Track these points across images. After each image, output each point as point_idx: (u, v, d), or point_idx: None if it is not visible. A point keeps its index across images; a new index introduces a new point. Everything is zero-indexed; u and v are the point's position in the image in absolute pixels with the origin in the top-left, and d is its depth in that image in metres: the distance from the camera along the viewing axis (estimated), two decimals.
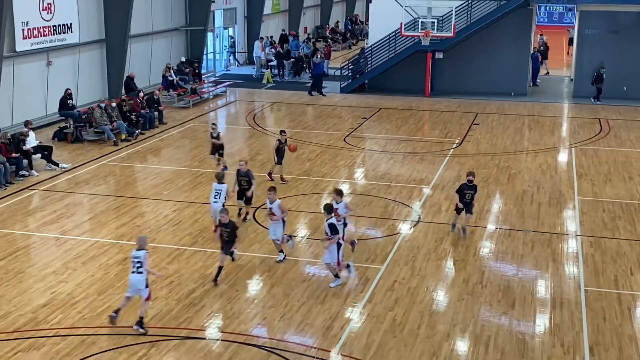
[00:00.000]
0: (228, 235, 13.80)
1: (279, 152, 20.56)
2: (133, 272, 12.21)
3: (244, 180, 16.96)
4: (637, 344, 12.23)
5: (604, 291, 14.15)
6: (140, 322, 12.09)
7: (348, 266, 14.54)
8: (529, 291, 14.19)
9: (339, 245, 13.91)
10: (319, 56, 36.34)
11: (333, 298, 13.72)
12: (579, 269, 15.22)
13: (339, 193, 15.16)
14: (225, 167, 20.71)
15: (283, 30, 44.43)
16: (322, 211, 14.50)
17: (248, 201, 17.25)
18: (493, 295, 14.00)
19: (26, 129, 21.82)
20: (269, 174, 20.76)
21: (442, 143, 25.70)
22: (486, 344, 12.20)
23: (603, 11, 33.30)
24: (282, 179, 20.70)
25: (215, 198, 16.28)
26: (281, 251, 15.15)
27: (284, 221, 14.98)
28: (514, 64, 34.40)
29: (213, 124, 21.96)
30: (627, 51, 33.13)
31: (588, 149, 25.15)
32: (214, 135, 21.38)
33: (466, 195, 16.08)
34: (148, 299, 12.24)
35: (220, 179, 16.46)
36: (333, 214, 14.09)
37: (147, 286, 12.23)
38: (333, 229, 13.75)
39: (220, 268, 13.91)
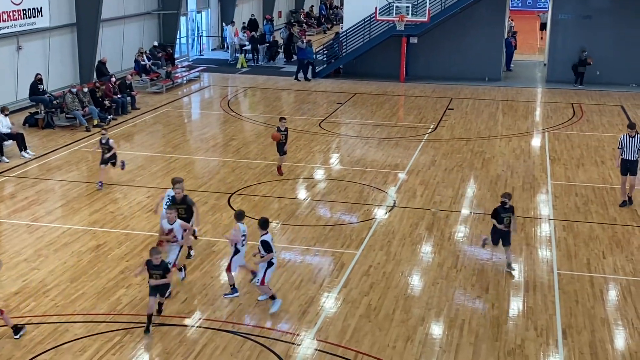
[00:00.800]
0: (160, 278, 11.53)
1: (279, 143, 19.79)
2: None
3: (182, 208, 13.82)
4: (609, 326, 12.42)
5: (577, 274, 14.33)
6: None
7: (273, 297, 12.69)
8: (503, 275, 14.34)
9: (270, 264, 12.50)
10: (303, 41, 36.41)
11: (309, 284, 13.79)
12: (552, 253, 15.40)
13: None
14: (123, 163, 18.99)
15: (252, 15, 44.23)
16: (257, 226, 12.67)
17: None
18: (467, 279, 14.14)
19: None
20: (279, 169, 20.24)
21: (417, 128, 25.80)
22: (460, 327, 12.33)
23: None
24: (279, 170, 20.21)
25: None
26: (179, 269, 13.42)
27: (181, 246, 13.04)
28: (488, 49, 34.64)
29: (103, 129, 19.57)
30: (600, 36, 33.38)
31: (561, 133, 25.37)
32: (103, 141, 18.65)
33: (504, 219, 13.93)
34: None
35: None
36: (267, 231, 12.59)
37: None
38: (266, 246, 12.33)
39: (150, 317, 11.58)
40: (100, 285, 13.49)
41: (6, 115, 22.21)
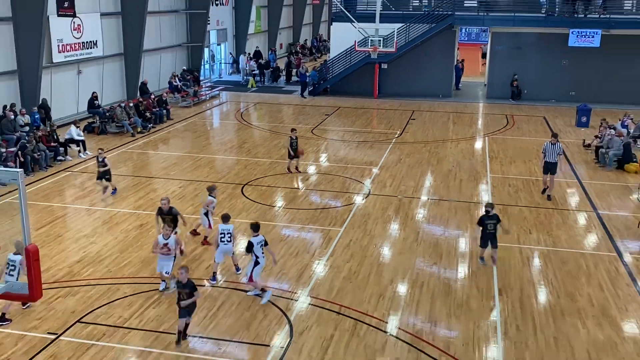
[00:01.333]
0: (186, 297, 9.98)
1: (291, 147, 19.27)
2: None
3: (168, 218, 12.71)
4: (534, 285, 12.54)
5: (509, 246, 14.39)
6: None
7: (263, 290, 11.77)
8: (453, 247, 14.41)
9: (256, 263, 11.48)
10: (303, 67, 36.48)
11: (303, 253, 13.82)
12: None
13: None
14: (115, 190, 17.47)
15: (257, 47, 44.13)
16: (250, 228, 11.75)
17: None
18: (425, 250, 14.20)
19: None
20: (288, 168, 19.82)
21: (387, 134, 25.82)
22: (420, 287, 12.40)
23: (509, 32, 33.59)
24: (297, 169, 19.86)
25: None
26: (163, 280, 11.97)
27: (175, 257, 11.84)
28: (442, 72, 34.63)
29: (100, 149, 17.70)
30: (527, 63, 33.47)
31: (497, 137, 25.43)
32: (100, 159, 17.02)
33: (488, 225, 12.99)
34: None
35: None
36: (259, 233, 11.56)
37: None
38: (249, 248, 11.45)
39: (180, 333, 10.15)
40: (143, 255, 13.51)
41: (77, 126, 22.30)
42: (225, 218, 12.29)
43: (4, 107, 21.54)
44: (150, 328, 10.65)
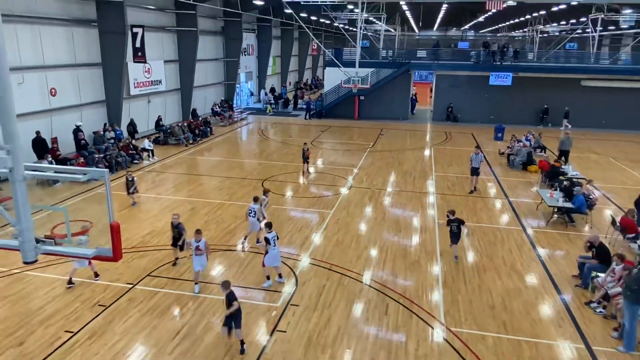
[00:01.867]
0: (228, 306, 8.20)
1: (304, 156, 19.16)
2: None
3: (176, 231, 11.24)
4: (464, 250, 12.49)
5: None
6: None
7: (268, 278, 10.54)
8: (410, 223, 14.41)
9: (266, 252, 10.26)
10: (307, 98, 36.40)
11: (305, 228, 13.79)
12: (434, 211, 15.48)
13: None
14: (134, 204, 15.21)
15: (272, 85, 43.98)
16: (265, 227, 10.53)
17: (181, 247, 11.34)
18: (390, 225, 14.20)
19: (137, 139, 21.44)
20: (303, 172, 19.26)
21: (364, 144, 25.78)
22: (386, 251, 12.39)
23: (448, 75, 33.55)
24: (308, 170, 19.44)
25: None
26: (196, 283, 10.34)
27: (207, 257, 10.39)
28: (401, 102, 34.55)
29: (129, 171, 15.48)
30: (460, 96, 33.46)
31: (440, 148, 25.42)
32: (129, 179, 14.99)
33: (451, 227, 11.83)
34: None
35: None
36: (272, 230, 10.31)
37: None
38: (267, 241, 10.17)
39: (241, 342, 8.42)
40: (194, 229, 13.37)
41: (150, 141, 22.36)
42: (255, 199, 12.17)
43: (104, 125, 21.76)
44: (198, 280, 10.62)
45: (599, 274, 10.47)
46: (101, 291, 10.14)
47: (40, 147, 18.28)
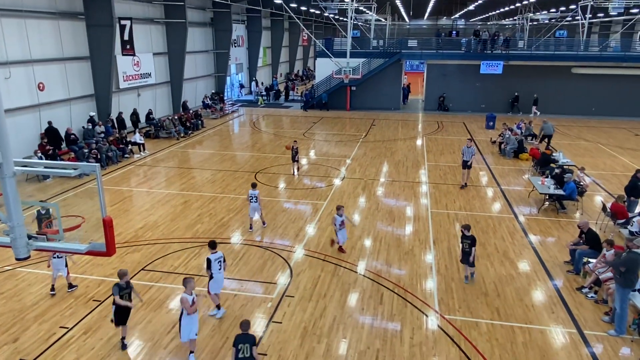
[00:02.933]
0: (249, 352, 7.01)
1: (293, 154, 17.96)
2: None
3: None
4: (456, 237, 12.56)
5: (440, 212, 14.50)
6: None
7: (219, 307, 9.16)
8: (403, 212, 14.47)
9: (210, 277, 8.94)
10: (306, 89, 35.93)
11: (299, 219, 13.79)
12: (427, 200, 15.55)
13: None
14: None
15: (262, 82, 43.77)
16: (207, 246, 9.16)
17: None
18: (383, 215, 14.25)
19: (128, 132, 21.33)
20: (293, 173, 18.03)
21: (356, 135, 25.79)
22: (380, 240, 12.44)
23: (439, 64, 33.53)
24: (298, 169, 18.24)
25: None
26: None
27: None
28: (394, 92, 34.51)
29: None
30: (451, 85, 33.49)
31: (432, 137, 25.49)
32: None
33: (463, 244, 10.27)
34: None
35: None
36: (216, 250, 8.89)
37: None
38: (208, 264, 8.83)
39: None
40: (187, 223, 13.44)
41: (142, 135, 22.27)
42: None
43: (88, 119, 21.47)
44: (193, 273, 10.62)
45: (590, 260, 10.60)
46: (95, 286, 10.11)
47: (53, 136, 18.90)
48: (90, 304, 9.48)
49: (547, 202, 14.95)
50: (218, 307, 9.17)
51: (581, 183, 15.27)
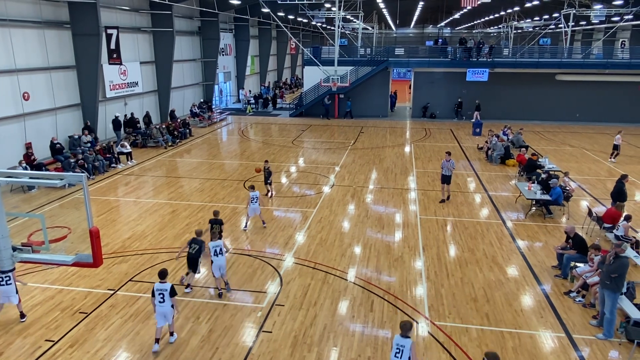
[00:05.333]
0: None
1: (265, 176, 16.24)
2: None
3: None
4: (446, 243, 12.66)
5: (429, 218, 14.55)
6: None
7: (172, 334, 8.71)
8: (392, 219, 14.49)
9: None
10: (328, 99, 33.91)
11: (289, 227, 13.75)
12: (416, 207, 15.60)
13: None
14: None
15: (255, 93, 43.76)
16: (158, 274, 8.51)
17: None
18: (373, 222, 14.26)
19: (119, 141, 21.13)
20: (266, 195, 16.30)
21: (344, 142, 25.86)
22: (370, 248, 12.44)
23: (425, 72, 33.83)
24: (271, 194, 16.40)
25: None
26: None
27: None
28: (381, 99, 34.69)
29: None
30: (437, 92, 33.80)
31: (420, 144, 25.65)
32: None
33: None
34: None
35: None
36: (165, 280, 8.35)
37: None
38: (153, 293, 8.32)
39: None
40: (175, 232, 13.32)
41: (128, 142, 22.09)
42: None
43: (83, 129, 21.49)
44: (181, 284, 10.51)
45: (578, 264, 10.71)
46: (82, 298, 9.95)
47: (119, 125, 21.81)
48: (76, 317, 9.32)
49: (534, 208, 15.10)
50: (172, 333, 8.66)
51: (567, 188, 15.47)
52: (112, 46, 22.71)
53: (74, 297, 9.97)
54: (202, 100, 34.36)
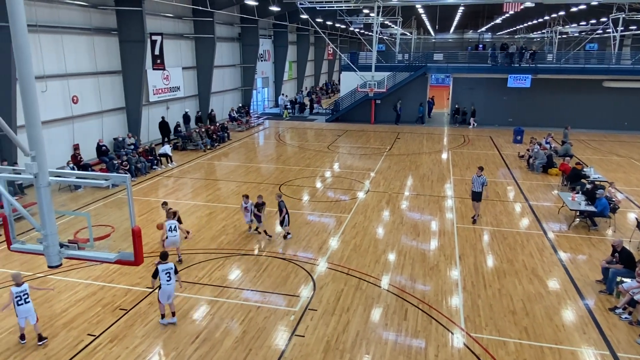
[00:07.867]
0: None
1: (255, 208, 13.25)
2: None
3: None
4: (483, 253, 12.36)
5: (466, 226, 14.25)
6: None
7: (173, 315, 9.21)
8: (428, 227, 14.29)
9: (159, 287, 9.11)
10: (399, 103, 33.66)
11: (323, 233, 13.77)
12: (453, 215, 15.32)
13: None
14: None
15: (294, 97, 44.19)
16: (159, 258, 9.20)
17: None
18: (408, 229, 14.09)
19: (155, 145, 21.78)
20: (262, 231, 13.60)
21: (380, 148, 25.71)
22: (405, 255, 12.29)
23: (464, 77, 33.26)
24: (257, 229, 13.58)
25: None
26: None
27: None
28: (418, 105, 34.32)
29: (164, 203, 13.07)
30: (477, 98, 33.15)
31: (457, 151, 25.19)
32: (168, 208, 12.54)
33: None
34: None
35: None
36: (167, 261, 9.12)
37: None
38: (155, 273, 9.10)
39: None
40: (212, 233, 13.57)
41: (170, 145, 22.79)
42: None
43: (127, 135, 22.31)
44: (217, 284, 10.69)
45: (624, 279, 10.21)
46: (122, 295, 10.27)
47: (166, 128, 22.90)
48: (117, 313, 9.63)
49: (577, 219, 14.52)
50: (173, 314, 9.23)
51: (613, 199, 14.80)
52: (157, 52, 23.50)
53: (114, 294, 10.31)
54: (240, 104, 34.99)
